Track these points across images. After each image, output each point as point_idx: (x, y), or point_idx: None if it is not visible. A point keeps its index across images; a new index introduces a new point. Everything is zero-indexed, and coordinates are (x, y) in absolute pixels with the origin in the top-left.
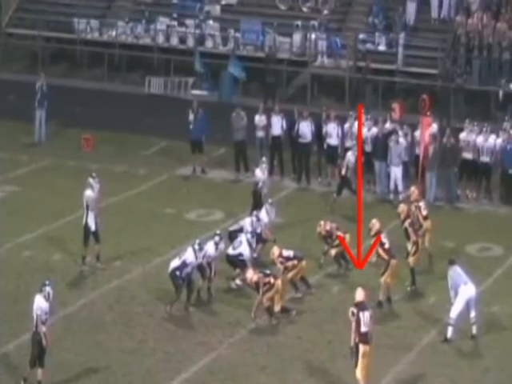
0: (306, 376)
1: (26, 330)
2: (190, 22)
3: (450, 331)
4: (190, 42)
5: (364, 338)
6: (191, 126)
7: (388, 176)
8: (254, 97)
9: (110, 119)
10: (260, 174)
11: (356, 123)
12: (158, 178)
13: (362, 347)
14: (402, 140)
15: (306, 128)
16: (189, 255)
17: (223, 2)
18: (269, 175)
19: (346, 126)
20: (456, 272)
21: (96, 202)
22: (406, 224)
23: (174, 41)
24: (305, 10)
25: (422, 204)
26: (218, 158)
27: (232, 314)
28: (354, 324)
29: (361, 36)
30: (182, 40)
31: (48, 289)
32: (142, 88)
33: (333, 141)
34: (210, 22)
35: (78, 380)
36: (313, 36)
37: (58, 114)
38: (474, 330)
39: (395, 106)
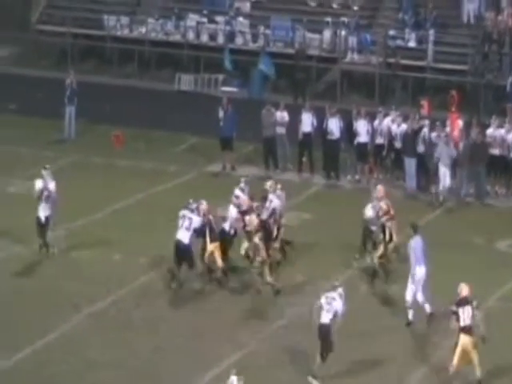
0: (335, 372)
1: (53, 327)
2: (220, 18)
3: (411, 314)
4: (220, 39)
5: (465, 330)
6: (221, 123)
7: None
8: (284, 93)
9: (140, 116)
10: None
11: (385, 120)
12: (188, 175)
13: (462, 337)
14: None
15: (334, 125)
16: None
17: None
18: (298, 172)
19: (376, 122)
20: (418, 244)
21: (43, 191)
22: (384, 220)
23: (204, 38)
24: (335, 6)
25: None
26: (247, 154)
27: (260, 311)
28: (453, 321)
29: (391, 32)
30: (212, 37)
31: None
32: (171, 85)
33: (363, 138)
34: (240, 18)
35: (105, 378)
36: (343, 32)
37: (87, 111)
38: (410, 315)
39: (424, 102)
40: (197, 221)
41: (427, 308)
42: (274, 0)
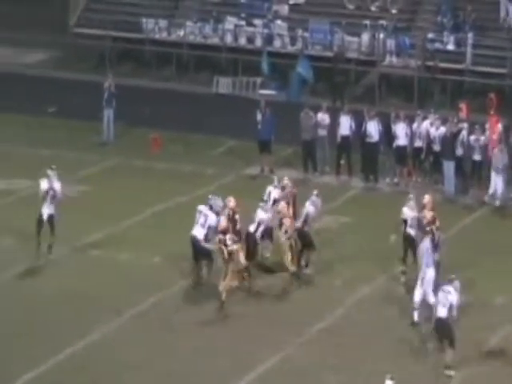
0: (376, 375)
1: (94, 329)
2: (258, 21)
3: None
4: (258, 42)
5: None
6: (259, 126)
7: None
8: (322, 96)
9: (178, 119)
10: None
11: (424, 123)
12: (226, 178)
13: None
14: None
15: (373, 128)
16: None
17: (291, 2)
18: (336, 175)
19: (414, 125)
20: (427, 246)
21: (48, 191)
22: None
23: (242, 40)
24: (373, 9)
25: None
26: (286, 157)
27: (300, 314)
28: None
29: (429, 35)
30: (250, 40)
31: None
32: (209, 88)
33: (402, 141)
34: (278, 21)
35: (145, 380)
36: (381, 35)
37: (125, 114)
38: (416, 316)
39: (462, 105)
40: (212, 218)
41: (416, 316)
42: (312, 3)
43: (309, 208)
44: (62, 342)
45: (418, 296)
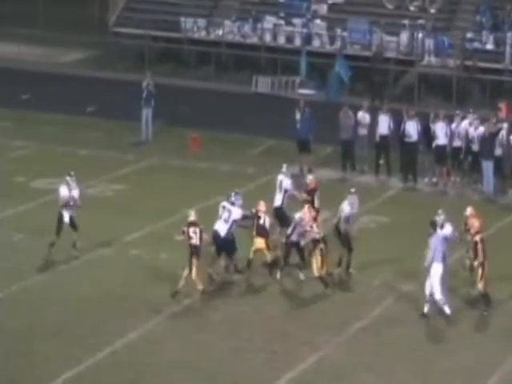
0: (413, 376)
1: (133, 328)
2: (297, 21)
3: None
4: (297, 41)
5: None
6: (298, 125)
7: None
8: (361, 96)
9: (217, 118)
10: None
11: (463, 123)
12: (266, 178)
13: None
14: None
15: (411, 127)
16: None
17: (330, 1)
18: (375, 175)
19: (453, 125)
20: (437, 241)
21: (69, 200)
22: (478, 238)
23: (281, 40)
24: (412, 9)
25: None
26: (324, 157)
27: (338, 314)
28: None
29: (468, 35)
30: (289, 39)
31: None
32: (249, 87)
33: (441, 140)
34: (317, 21)
35: (184, 379)
36: (420, 35)
37: (164, 114)
38: (426, 308)
39: (501, 105)
40: (237, 213)
41: (446, 310)
42: (351, 2)
43: (345, 208)
44: (102, 341)
45: (428, 289)
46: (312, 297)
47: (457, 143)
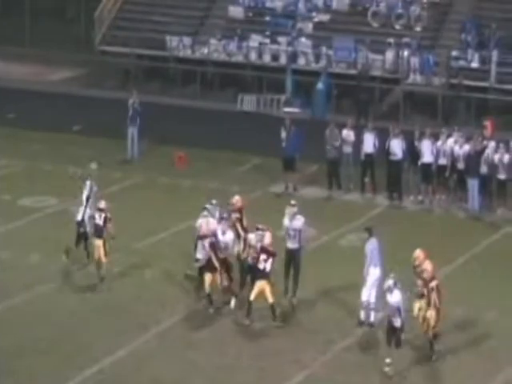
0: None
1: (121, 345)
2: (282, 39)
3: (363, 314)
4: (283, 60)
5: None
6: (283, 144)
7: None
8: (347, 114)
9: (203, 136)
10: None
11: (448, 141)
12: (251, 195)
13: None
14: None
15: (396, 145)
16: None
17: (316, 20)
18: (361, 193)
19: (439, 143)
20: (373, 246)
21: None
22: (433, 285)
23: (267, 58)
24: (397, 27)
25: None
26: (310, 175)
27: (325, 332)
28: None
29: (453, 53)
30: (275, 57)
31: None
32: (234, 105)
33: (427, 158)
34: (303, 39)
35: None
36: (405, 53)
37: (150, 132)
38: (372, 317)
39: (487, 123)
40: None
41: (372, 317)
42: (336, 21)
43: (284, 222)
44: (89, 358)
45: (364, 296)
46: (297, 316)
47: (442, 161)
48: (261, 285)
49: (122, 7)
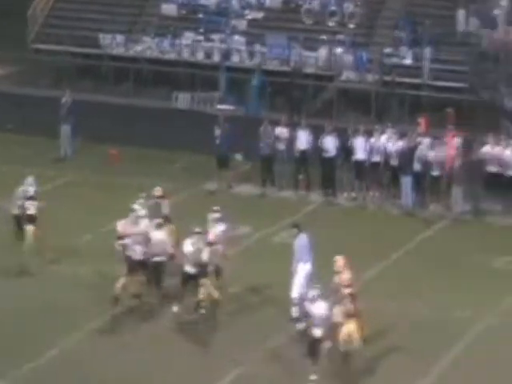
0: None
1: (54, 344)
2: (215, 36)
3: (294, 311)
4: (216, 57)
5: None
6: (217, 141)
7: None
8: (281, 111)
9: (137, 134)
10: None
11: (382, 138)
12: (185, 193)
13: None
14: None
15: (330, 142)
16: None
17: (249, 17)
18: (295, 190)
19: (372, 140)
20: (303, 242)
21: None
22: (348, 292)
23: (200, 55)
24: (331, 24)
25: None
26: (244, 172)
27: (258, 329)
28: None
29: (387, 50)
30: (208, 55)
31: None
32: (168, 103)
33: (360, 155)
34: (236, 36)
35: None
36: (339, 50)
37: (84, 130)
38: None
39: (421, 120)
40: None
41: (294, 312)
42: (270, 18)
43: (219, 229)
44: (23, 356)
45: (295, 292)
46: (232, 315)
47: (376, 158)
48: (204, 281)
49: (54, 5)
